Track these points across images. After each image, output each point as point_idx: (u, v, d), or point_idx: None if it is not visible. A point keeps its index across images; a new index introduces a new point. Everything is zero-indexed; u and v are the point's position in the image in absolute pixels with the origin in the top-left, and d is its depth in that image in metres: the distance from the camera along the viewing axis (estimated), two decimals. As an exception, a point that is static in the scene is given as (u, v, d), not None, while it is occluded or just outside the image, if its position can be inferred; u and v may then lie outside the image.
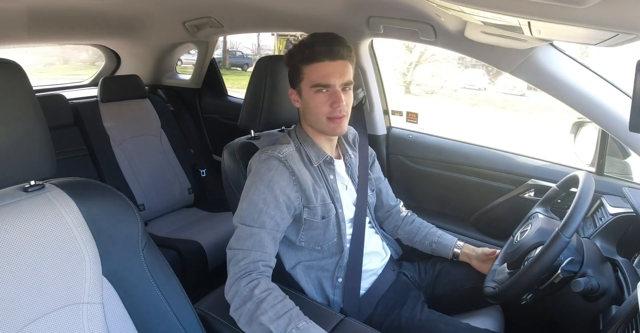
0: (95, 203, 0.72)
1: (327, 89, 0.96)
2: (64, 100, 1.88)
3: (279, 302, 0.83)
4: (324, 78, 0.95)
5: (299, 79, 0.99)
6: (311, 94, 0.97)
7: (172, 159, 2.12)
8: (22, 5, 1.44)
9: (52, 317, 0.65)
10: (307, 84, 0.97)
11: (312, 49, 0.95)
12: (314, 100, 0.97)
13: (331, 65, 0.95)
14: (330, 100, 0.96)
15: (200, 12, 1.75)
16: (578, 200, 0.85)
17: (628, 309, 0.74)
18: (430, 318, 1.02)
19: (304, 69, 0.97)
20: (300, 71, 0.97)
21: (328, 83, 0.95)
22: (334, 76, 0.95)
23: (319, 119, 0.99)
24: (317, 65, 0.95)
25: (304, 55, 0.96)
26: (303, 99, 1.00)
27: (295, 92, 1.02)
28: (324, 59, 0.95)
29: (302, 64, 0.97)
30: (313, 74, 0.96)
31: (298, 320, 0.80)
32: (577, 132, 1.30)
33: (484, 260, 1.14)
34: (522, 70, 1.13)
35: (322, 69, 0.95)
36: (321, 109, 0.97)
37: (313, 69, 0.96)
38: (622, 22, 0.57)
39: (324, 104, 0.96)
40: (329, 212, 1.01)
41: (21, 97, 0.64)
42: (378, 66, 1.63)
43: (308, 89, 0.97)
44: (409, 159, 1.63)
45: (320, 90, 0.96)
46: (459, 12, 0.85)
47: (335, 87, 0.96)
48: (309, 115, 1.01)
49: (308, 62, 0.96)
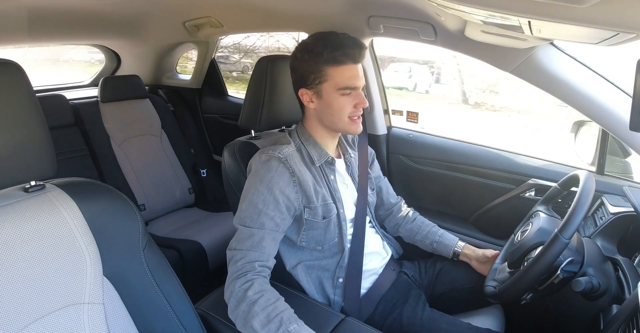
0: (96, 204, 0.72)
1: (352, 91, 0.97)
2: (64, 101, 1.88)
3: (270, 304, 0.83)
4: (351, 81, 0.96)
5: (320, 80, 0.97)
6: (336, 96, 0.97)
7: (172, 159, 2.12)
8: (23, 6, 1.45)
9: (53, 318, 0.65)
10: (331, 86, 0.96)
11: (342, 51, 0.94)
12: (338, 101, 0.97)
13: (355, 68, 0.97)
14: (355, 102, 0.98)
15: (200, 12, 1.75)
16: (578, 201, 0.85)
17: (629, 308, 0.74)
18: (432, 317, 1.02)
19: (328, 70, 0.96)
20: (324, 72, 0.96)
21: (355, 86, 0.97)
22: (358, 79, 0.97)
23: (341, 119, 0.99)
24: (344, 68, 0.96)
25: (333, 57, 0.94)
26: (323, 100, 0.99)
27: (311, 92, 0.99)
28: (350, 62, 0.96)
29: (328, 65, 0.95)
30: (339, 77, 0.96)
31: (289, 323, 0.80)
32: (578, 131, 1.30)
33: (484, 262, 1.14)
34: (523, 69, 1.13)
35: (349, 71, 0.96)
36: (345, 110, 0.98)
37: (340, 72, 0.96)
38: (623, 21, 0.57)
39: (348, 105, 0.98)
40: (330, 212, 1.02)
41: (22, 97, 0.64)
42: (378, 66, 1.63)
43: (333, 91, 0.97)
44: (409, 159, 1.63)
45: (347, 92, 0.97)
46: (459, 12, 0.85)
47: (359, 89, 0.98)
48: (329, 116, 1.00)
49: (336, 64, 0.95)
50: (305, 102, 1.02)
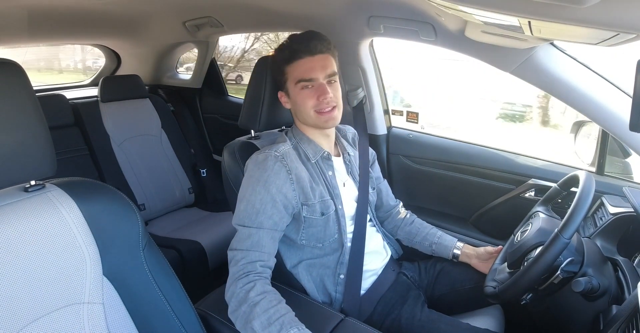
0: (96, 203, 0.72)
1: (312, 84, 0.99)
2: (64, 100, 1.88)
3: (272, 307, 0.83)
4: (307, 73, 0.98)
5: (283, 79, 1.02)
6: (297, 91, 1.00)
7: (172, 159, 2.12)
8: (23, 5, 1.45)
9: (52, 317, 0.65)
10: (292, 82, 1.00)
11: (290, 48, 0.99)
12: (300, 96, 1.00)
13: (312, 60, 0.98)
14: (317, 94, 0.99)
15: (200, 12, 1.75)
16: (578, 201, 0.85)
17: (628, 309, 0.74)
18: (431, 318, 1.02)
19: (286, 68, 1.00)
20: (284, 71, 1.01)
21: (311, 77, 0.98)
22: (316, 70, 0.98)
23: (308, 114, 1.01)
24: (298, 63, 0.99)
25: (284, 56, 1.00)
26: (291, 98, 1.03)
27: (284, 93, 1.05)
28: (304, 56, 0.98)
29: (284, 65, 1.00)
30: (295, 72, 0.99)
31: (290, 327, 0.80)
32: (578, 131, 1.30)
33: (486, 259, 1.14)
34: (523, 70, 1.13)
35: (303, 65, 0.98)
36: (309, 104, 0.99)
37: (295, 67, 0.99)
38: (623, 21, 0.57)
39: (310, 98, 0.99)
40: (328, 208, 1.02)
41: (21, 97, 0.64)
42: (378, 66, 1.63)
43: (293, 86, 1.00)
44: (410, 159, 1.63)
45: (306, 85, 0.99)
46: (459, 12, 0.85)
47: (319, 80, 0.99)
48: (299, 113, 1.03)
49: (289, 62, 0.99)
50: (283, 103, 1.07)
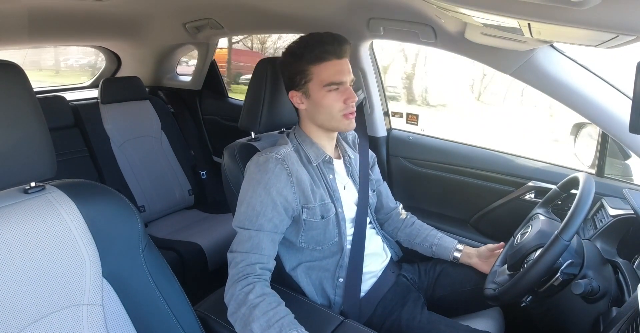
0: (96, 205, 0.72)
1: (339, 87, 0.97)
2: (64, 102, 1.88)
3: (271, 309, 0.82)
4: (336, 76, 0.96)
5: (305, 79, 0.98)
6: (323, 93, 0.97)
7: (172, 161, 2.12)
8: (23, 7, 1.45)
9: (52, 319, 0.65)
10: (317, 84, 0.97)
11: (322, 48, 0.95)
12: (327, 98, 0.97)
13: (340, 63, 0.97)
14: (344, 97, 0.97)
15: (200, 14, 1.75)
16: (578, 203, 0.85)
17: (628, 311, 0.74)
18: (430, 320, 1.02)
19: (312, 69, 0.97)
20: (308, 72, 0.97)
21: (341, 81, 0.97)
22: (344, 73, 0.97)
23: (334, 117, 0.99)
24: (327, 64, 0.96)
25: (314, 55, 0.96)
26: (312, 99, 0.99)
27: (300, 93, 1.01)
28: (333, 58, 0.96)
29: (311, 64, 0.97)
30: (324, 73, 0.96)
31: (289, 329, 0.79)
32: (578, 133, 1.30)
33: (487, 257, 1.14)
34: (522, 72, 1.13)
35: (333, 67, 0.96)
36: (336, 107, 0.98)
37: (323, 68, 0.96)
38: (622, 23, 0.57)
39: (338, 101, 0.97)
40: (328, 212, 1.01)
41: (22, 98, 0.64)
42: (378, 67, 1.63)
43: (319, 88, 0.97)
44: (409, 161, 1.63)
45: (333, 88, 0.97)
46: (459, 14, 0.85)
47: (346, 84, 0.98)
48: (320, 115, 1.00)
49: (318, 62, 0.96)
50: (296, 103, 1.03)
